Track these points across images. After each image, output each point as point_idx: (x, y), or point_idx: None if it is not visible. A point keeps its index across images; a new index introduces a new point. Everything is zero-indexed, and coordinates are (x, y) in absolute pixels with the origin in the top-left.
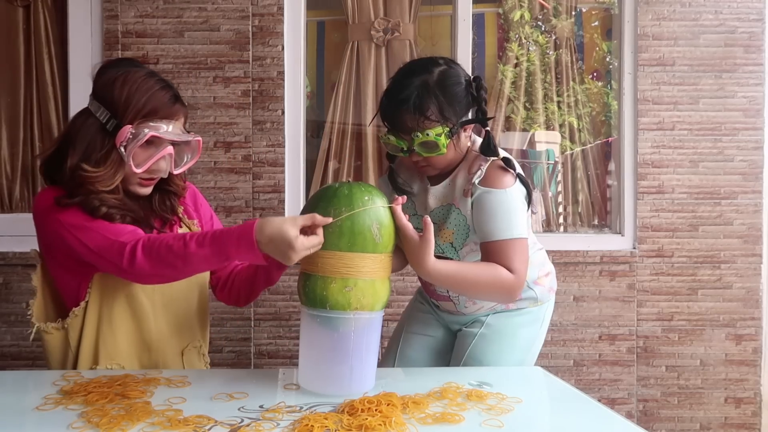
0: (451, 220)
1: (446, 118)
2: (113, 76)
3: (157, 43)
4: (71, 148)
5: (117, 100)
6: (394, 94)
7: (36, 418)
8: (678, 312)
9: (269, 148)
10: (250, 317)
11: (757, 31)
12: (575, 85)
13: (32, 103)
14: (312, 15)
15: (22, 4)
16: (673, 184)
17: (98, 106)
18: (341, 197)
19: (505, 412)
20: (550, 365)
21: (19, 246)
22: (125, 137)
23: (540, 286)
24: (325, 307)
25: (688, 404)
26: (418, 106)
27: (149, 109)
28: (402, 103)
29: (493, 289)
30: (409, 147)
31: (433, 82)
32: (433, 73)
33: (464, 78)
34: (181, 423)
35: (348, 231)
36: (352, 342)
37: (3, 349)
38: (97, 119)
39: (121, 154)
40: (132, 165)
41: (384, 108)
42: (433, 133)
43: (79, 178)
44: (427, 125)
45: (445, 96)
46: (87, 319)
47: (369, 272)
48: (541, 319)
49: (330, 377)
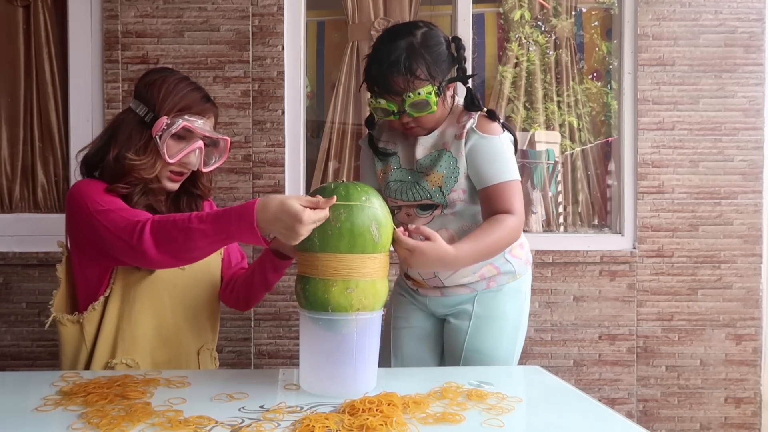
0: (442, 164)
1: (433, 76)
2: (152, 79)
3: (157, 43)
4: (113, 141)
5: (155, 98)
6: (382, 59)
7: (35, 419)
8: (678, 312)
9: (269, 148)
10: (250, 317)
11: (757, 31)
12: (575, 85)
13: (32, 103)
14: (312, 15)
15: (22, 4)
16: (673, 184)
17: (138, 104)
18: (338, 198)
19: (506, 411)
20: (550, 365)
21: (19, 246)
22: (161, 127)
23: (516, 258)
24: (327, 310)
25: (688, 404)
26: (408, 66)
27: (183, 104)
28: (392, 66)
29: (508, 240)
30: (399, 109)
31: (419, 43)
32: (416, 34)
33: (444, 38)
34: (181, 424)
35: (348, 233)
36: (355, 343)
37: (3, 349)
38: (137, 114)
39: (156, 143)
40: (165, 155)
41: (373, 73)
42: (424, 92)
43: (124, 167)
44: (417, 85)
45: (431, 55)
46: (107, 313)
47: (369, 272)
48: (523, 291)
49: (334, 379)
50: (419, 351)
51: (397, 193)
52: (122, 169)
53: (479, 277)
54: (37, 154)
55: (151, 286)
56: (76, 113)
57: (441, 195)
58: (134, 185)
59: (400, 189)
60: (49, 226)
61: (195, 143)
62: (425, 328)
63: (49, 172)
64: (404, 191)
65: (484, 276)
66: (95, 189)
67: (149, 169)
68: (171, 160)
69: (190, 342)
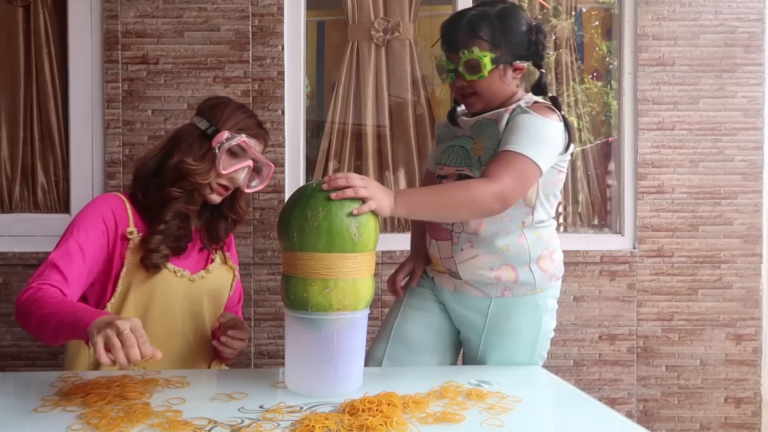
0: (487, 133)
1: (496, 45)
2: (217, 101)
3: (157, 43)
4: (176, 149)
5: (219, 116)
6: (455, 15)
7: (34, 420)
8: (678, 312)
9: (269, 148)
10: (250, 317)
11: (757, 31)
12: (575, 85)
13: (32, 103)
14: (312, 15)
15: (22, 4)
16: (673, 184)
17: (201, 119)
18: (318, 197)
19: (506, 411)
20: (550, 365)
21: (19, 246)
22: (221, 139)
23: (541, 270)
24: (307, 309)
25: (688, 404)
26: (472, 24)
27: (242, 125)
28: (458, 19)
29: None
30: (455, 67)
31: (494, 13)
32: (497, 6)
33: (526, 21)
34: (181, 424)
35: (326, 232)
36: (336, 342)
37: (3, 349)
38: (199, 128)
39: (215, 154)
40: (220, 167)
41: (443, 26)
42: (479, 52)
43: (182, 171)
44: (475, 44)
45: (501, 26)
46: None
47: (349, 272)
48: (543, 306)
49: (316, 378)
50: (422, 335)
51: (444, 157)
52: (180, 174)
53: (495, 278)
54: (37, 154)
55: (162, 296)
56: (76, 113)
57: (479, 165)
58: (187, 190)
59: (449, 152)
60: (49, 226)
61: (246, 161)
62: (436, 316)
63: (49, 172)
64: (450, 154)
65: (500, 278)
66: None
67: (204, 175)
68: (224, 171)
69: (200, 354)
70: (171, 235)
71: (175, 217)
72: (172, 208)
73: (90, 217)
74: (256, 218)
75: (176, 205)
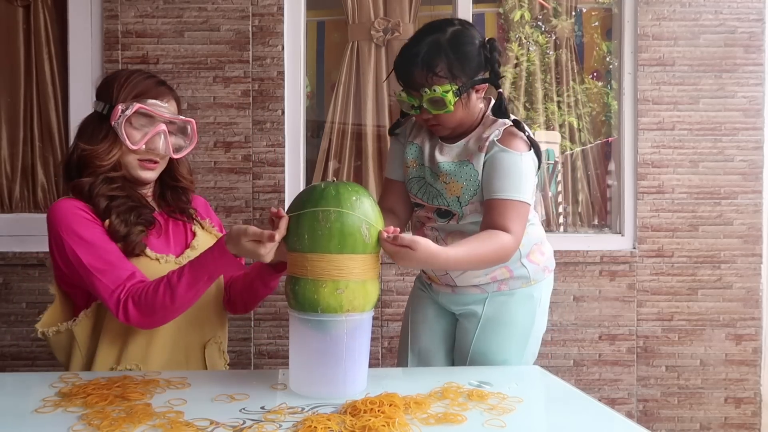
0: (464, 174)
1: (455, 76)
2: (107, 79)
3: (157, 43)
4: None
5: (111, 91)
6: (407, 51)
7: (35, 421)
8: (678, 312)
9: (269, 148)
10: (250, 317)
11: (757, 31)
12: (575, 85)
13: (32, 103)
14: (312, 15)
15: (22, 4)
16: (673, 184)
17: (98, 102)
18: (329, 198)
19: (507, 411)
20: (550, 365)
21: (19, 246)
22: (117, 114)
23: (533, 263)
24: (317, 311)
25: (688, 404)
26: (427, 62)
27: (137, 91)
28: (412, 59)
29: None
30: (419, 104)
31: (445, 41)
32: (447, 32)
33: (478, 39)
34: (183, 425)
35: (338, 233)
36: (345, 344)
37: (3, 349)
38: (96, 112)
39: (116, 131)
40: (127, 141)
41: (397, 64)
42: (441, 89)
43: (81, 158)
44: (435, 81)
45: (456, 54)
46: (106, 320)
47: (360, 273)
48: (537, 298)
49: (324, 381)
50: (437, 346)
51: (416, 191)
52: (83, 162)
53: (491, 279)
54: (37, 154)
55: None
56: (76, 113)
57: (458, 205)
58: (97, 176)
59: (420, 188)
60: None
61: (157, 127)
62: (440, 323)
63: (49, 172)
64: (423, 191)
65: (496, 278)
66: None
67: (104, 156)
68: (134, 146)
69: (193, 337)
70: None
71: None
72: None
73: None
74: (256, 218)
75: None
